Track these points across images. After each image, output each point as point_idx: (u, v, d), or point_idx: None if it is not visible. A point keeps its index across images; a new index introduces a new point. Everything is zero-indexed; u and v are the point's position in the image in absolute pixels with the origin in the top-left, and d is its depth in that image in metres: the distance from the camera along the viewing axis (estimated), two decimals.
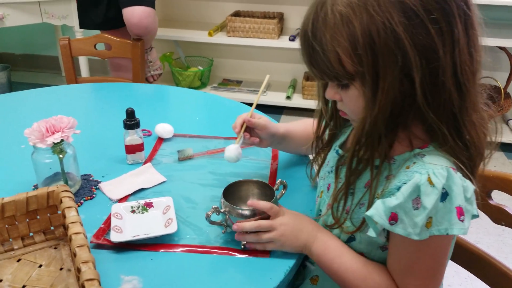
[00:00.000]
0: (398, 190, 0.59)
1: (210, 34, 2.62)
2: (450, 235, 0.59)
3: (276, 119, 1.13)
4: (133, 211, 0.80)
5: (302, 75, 2.84)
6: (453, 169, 0.58)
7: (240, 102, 1.28)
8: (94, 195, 0.86)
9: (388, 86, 0.56)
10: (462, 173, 0.59)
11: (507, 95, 2.47)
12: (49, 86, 1.41)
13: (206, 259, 0.71)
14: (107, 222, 0.78)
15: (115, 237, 0.73)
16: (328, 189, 0.76)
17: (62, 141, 0.80)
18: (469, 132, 0.60)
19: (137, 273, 0.68)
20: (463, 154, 0.60)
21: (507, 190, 0.79)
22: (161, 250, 0.72)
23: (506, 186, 0.79)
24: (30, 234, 0.73)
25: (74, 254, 0.60)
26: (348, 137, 0.77)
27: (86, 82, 1.64)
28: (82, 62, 2.89)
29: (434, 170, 0.58)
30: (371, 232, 0.61)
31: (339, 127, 0.78)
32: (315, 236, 0.70)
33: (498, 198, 0.81)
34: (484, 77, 0.62)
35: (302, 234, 0.70)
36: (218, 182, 0.90)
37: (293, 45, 2.55)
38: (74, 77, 1.65)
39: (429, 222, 0.58)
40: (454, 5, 0.56)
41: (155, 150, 1.03)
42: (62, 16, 2.64)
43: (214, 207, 0.72)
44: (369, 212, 0.61)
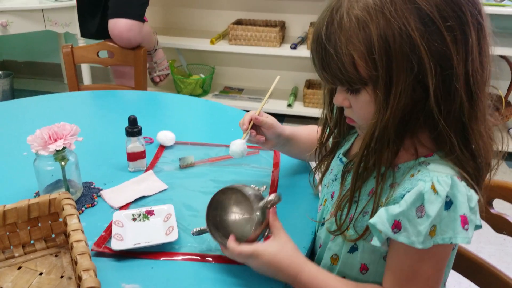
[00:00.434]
0: (402, 198, 0.59)
1: (212, 42, 2.63)
2: (452, 244, 0.59)
3: None
4: (134, 219, 0.80)
5: (303, 83, 2.85)
6: (457, 177, 0.58)
7: (241, 110, 1.28)
8: (95, 203, 0.86)
9: (401, 91, 0.56)
10: (466, 182, 0.59)
11: (508, 104, 2.47)
12: (51, 93, 1.42)
13: (207, 268, 0.71)
14: (108, 230, 0.78)
15: (116, 245, 0.72)
16: (332, 197, 0.75)
17: (64, 148, 0.81)
18: (476, 142, 0.60)
19: (138, 281, 0.68)
20: (470, 164, 0.60)
21: (509, 199, 0.79)
22: (162, 258, 0.72)
23: (508, 195, 0.79)
24: (31, 241, 0.73)
25: (75, 262, 0.59)
26: (352, 145, 0.77)
27: (88, 90, 1.64)
28: (84, 70, 2.90)
29: (438, 178, 0.57)
30: (375, 241, 0.61)
31: (343, 135, 0.78)
32: (296, 275, 0.66)
33: (500, 207, 0.81)
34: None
35: (280, 274, 0.67)
36: None
37: (294, 53, 2.56)
38: (77, 84, 1.66)
39: (433, 231, 0.57)
40: (469, 14, 0.56)
41: (157, 157, 1.03)
42: (65, 23, 2.66)
43: (199, 230, 0.74)
44: (372, 220, 0.60)
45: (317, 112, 0.78)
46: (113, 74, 1.94)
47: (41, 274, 0.68)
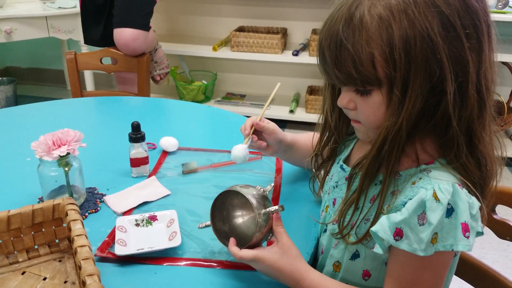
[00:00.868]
0: (404, 206, 0.59)
1: (214, 49, 2.65)
2: (453, 251, 0.59)
3: None
4: (137, 224, 0.81)
5: (305, 89, 2.86)
6: (458, 185, 0.58)
7: (243, 116, 1.29)
8: (98, 208, 0.86)
9: (417, 94, 0.56)
10: (468, 189, 0.59)
11: (510, 110, 2.47)
12: (54, 99, 1.43)
13: (210, 273, 0.71)
14: (112, 235, 0.78)
15: (120, 250, 0.73)
16: (333, 203, 0.75)
17: (68, 154, 0.81)
18: (482, 149, 0.60)
19: (141, 286, 0.68)
20: (474, 172, 0.61)
21: (511, 205, 0.79)
22: (165, 264, 0.72)
23: (510, 200, 0.79)
24: (35, 246, 0.73)
25: (79, 267, 0.60)
26: (351, 151, 0.78)
27: (92, 96, 1.65)
28: (87, 76, 2.92)
29: (440, 185, 0.57)
30: (378, 248, 0.61)
31: (342, 139, 0.78)
32: (298, 282, 0.67)
33: (503, 213, 0.81)
34: None
35: (281, 280, 0.68)
36: None
37: (296, 59, 2.57)
38: (80, 90, 1.67)
39: (434, 238, 0.57)
40: (484, 23, 0.57)
41: (160, 163, 1.04)
42: (68, 30, 2.68)
43: (205, 225, 0.74)
44: (374, 227, 0.60)
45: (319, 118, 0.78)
46: (116, 80, 1.96)
47: (45, 279, 0.68)
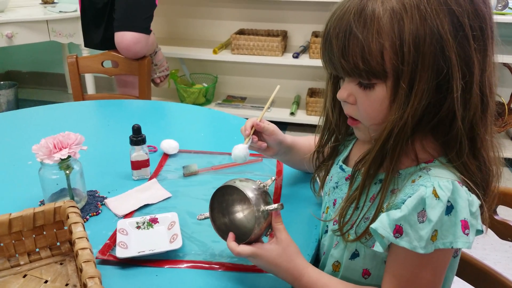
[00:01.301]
0: (403, 203, 0.59)
1: (214, 52, 2.65)
2: (453, 249, 0.59)
3: None
4: (138, 227, 0.81)
5: (306, 92, 2.86)
6: (458, 182, 0.59)
7: (244, 118, 1.29)
8: (99, 211, 0.86)
9: (423, 90, 0.57)
10: (467, 187, 0.60)
11: (511, 111, 2.47)
12: (55, 103, 1.43)
13: (211, 275, 0.71)
14: (113, 238, 0.78)
15: (121, 253, 0.73)
16: (334, 204, 0.75)
17: (69, 157, 0.81)
18: (483, 149, 0.61)
19: None
20: (475, 172, 0.61)
21: None
22: (166, 266, 0.73)
23: (511, 201, 0.79)
24: (36, 249, 0.73)
25: (80, 270, 0.60)
26: (350, 151, 0.78)
27: (93, 99, 1.66)
28: (88, 79, 2.93)
29: (439, 183, 0.58)
30: (378, 246, 0.61)
31: (343, 138, 0.78)
32: (295, 279, 0.67)
33: (504, 214, 0.81)
34: None
35: (279, 276, 0.68)
36: None
37: (296, 62, 2.57)
38: (81, 94, 1.67)
39: (434, 235, 0.57)
40: (489, 28, 0.58)
41: (161, 166, 1.04)
42: (69, 34, 2.69)
43: (204, 216, 0.74)
44: (374, 225, 0.60)
45: (319, 120, 0.78)
46: (116, 83, 1.96)
47: (46, 282, 0.68)
